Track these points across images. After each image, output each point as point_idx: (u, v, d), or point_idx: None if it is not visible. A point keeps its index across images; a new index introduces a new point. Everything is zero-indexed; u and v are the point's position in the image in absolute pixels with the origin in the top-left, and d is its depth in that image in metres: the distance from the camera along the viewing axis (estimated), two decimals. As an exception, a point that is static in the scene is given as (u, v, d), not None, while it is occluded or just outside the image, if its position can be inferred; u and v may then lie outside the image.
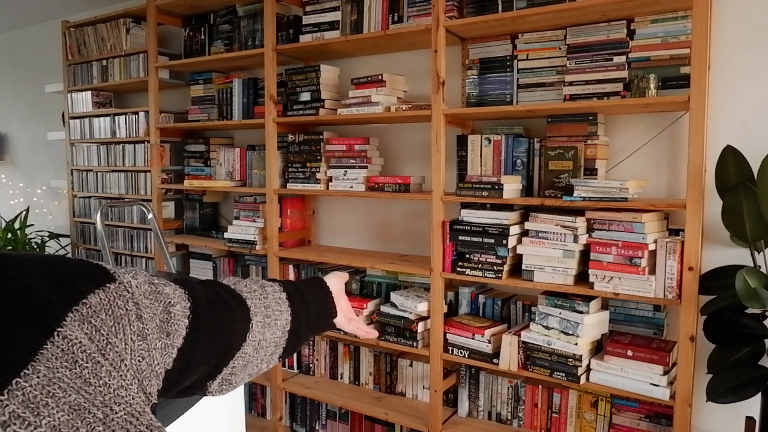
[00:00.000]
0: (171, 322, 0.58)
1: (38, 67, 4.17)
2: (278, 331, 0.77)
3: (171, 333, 0.58)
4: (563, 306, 1.90)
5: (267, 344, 0.75)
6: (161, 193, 3.11)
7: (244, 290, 0.76)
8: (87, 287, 0.50)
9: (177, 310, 0.60)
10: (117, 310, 0.51)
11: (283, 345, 0.79)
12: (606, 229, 1.81)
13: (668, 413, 1.84)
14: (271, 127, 2.55)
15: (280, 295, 0.80)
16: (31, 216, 4.11)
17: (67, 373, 0.43)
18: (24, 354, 0.42)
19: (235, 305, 0.71)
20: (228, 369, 0.70)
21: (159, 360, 0.55)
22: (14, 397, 0.39)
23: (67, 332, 0.45)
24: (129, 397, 0.47)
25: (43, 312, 0.45)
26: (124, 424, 0.44)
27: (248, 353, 0.72)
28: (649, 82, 1.78)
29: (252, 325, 0.72)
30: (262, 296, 0.77)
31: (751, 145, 1.78)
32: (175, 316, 0.59)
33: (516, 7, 1.96)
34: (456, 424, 2.21)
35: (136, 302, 0.54)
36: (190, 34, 2.93)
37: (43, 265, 0.48)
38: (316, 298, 0.90)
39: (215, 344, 0.66)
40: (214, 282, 0.74)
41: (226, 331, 0.68)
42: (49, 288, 0.47)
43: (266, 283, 0.81)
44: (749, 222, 1.61)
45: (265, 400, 2.86)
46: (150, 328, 0.55)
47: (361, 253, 2.55)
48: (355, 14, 2.33)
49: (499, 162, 2.08)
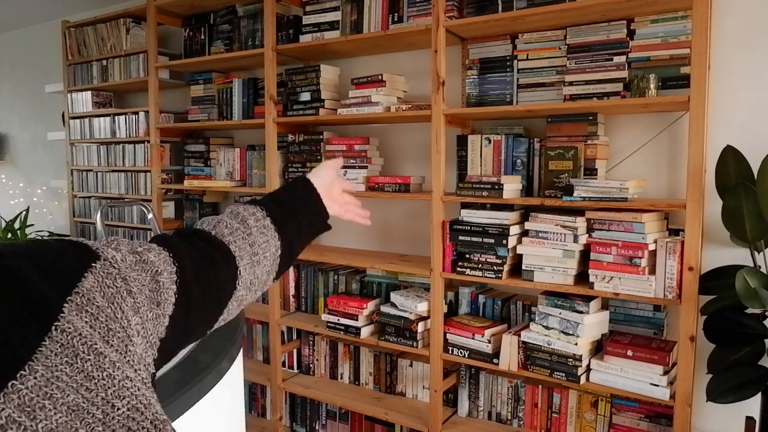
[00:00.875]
0: (160, 291, 0.57)
1: (38, 67, 4.17)
2: (268, 261, 0.76)
3: (161, 302, 0.57)
4: (563, 306, 1.90)
5: (258, 280, 0.75)
6: (161, 193, 3.11)
7: (226, 233, 0.72)
8: (76, 272, 0.48)
9: (164, 278, 0.58)
10: (108, 290, 0.50)
11: (276, 269, 0.78)
12: (606, 229, 1.81)
13: (668, 413, 1.84)
14: (271, 127, 2.55)
15: (264, 222, 0.77)
16: (31, 216, 4.10)
17: (66, 370, 0.42)
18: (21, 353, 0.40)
19: (218, 257, 0.69)
20: (223, 315, 0.70)
21: (152, 330, 0.54)
22: (10, 401, 0.38)
23: (65, 325, 0.43)
24: (134, 388, 0.45)
25: (39, 307, 0.43)
26: (126, 421, 0.43)
27: (241, 295, 0.72)
28: (649, 82, 1.78)
29: (240, 271, 0.71)
30: (245, 234, 0.73)
31: (751, 145, 1.78)
32: (164, 284, 0.57)
33: (516, 7, 1.96)
34: (456, 424, 2.21)
35: (124, 277, 0.52)
36: (190, 34, 2.93)
37: (32, 257, 0.47)
38: (304, 205, 0.85)
39: (206, 303, 0.66)
40: (193, 232, 0.71)
41: (215, 287, 0.67)
42: (41, 280, 0.45)
43: (247, 213, 0.77)
44: (749, 222, 1.61)
45: (265, 400, 2.86)
46: (141, 301, 0.53)
47: (361, 253, 2.55)
48: (355, 14, 2.33)
49: (499, 162, 2.08)
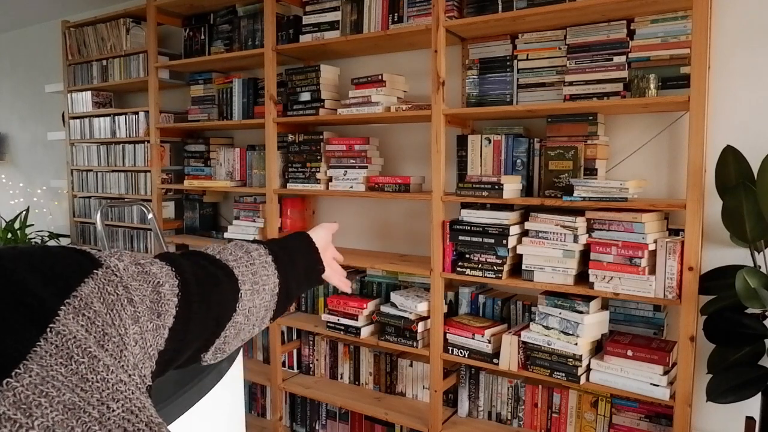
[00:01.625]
0: (161, 302, 0.57)
1: (38, 67, 4.17)
2: (267, 295, 0.77)
3: (162, 313, 0.57)
4: (563, 306, 1.90)
5: (257, 310, 0.76)
6: (161, 193, 3.11)
7: (230, 259, 0.75)
8: (76, 277, 0.49)
9: (166, 289, 0.59)
10: (108, 297, 0.50)
11: (273, 307, 0.79)
12: (606, 229, 1.81)
13: (668, 413, 1.84)
14: (271, 127, 2.55)
15: (266, 258, 0.79)
16: (31, 216, 4.11)
17: (62, 371, 0.42)
18: (15, 353, 0.40)
19: (222, 277, 0.71)
20: (220, 339, 0.70)
21: (151, 342, 0.55)
22: (5, 398, 0.38)
23: (60, 328, 0.44)
24: (129, 392, 0.46)
25: (34, 309, 0.43)
26: (122, 422, 0.43)
27: (239, 322, 0.72)
28: (649, 82, 1.78)
29: (241, 294, 0.72)
30: (248, 263, 0.76)
31: (751, 145, 1.78)
32: (165, 296, 0.58)
33: (516, 7, 1.96)
34: (456, 424, 2.21)
35: (125, 286, 0.53)
36: (190, 34, 2.93)
37: (29, 259, 0.47)
38: (303, 255, 0.89)
39: (206, 320, 0.66)
40: (198, 254, 0.73)
41: (216, 304, 0.68)
42: (39, 283, 0.45)
43: (251, 247, 0.80)
44: (749, 222, 1.61)
45: (265, 400, 2.86)
46: (141, 311, 0.54)
47: (361, 253, 2.55)
48: (355, 14, 2.33)
49: (499, 162, 2.08)
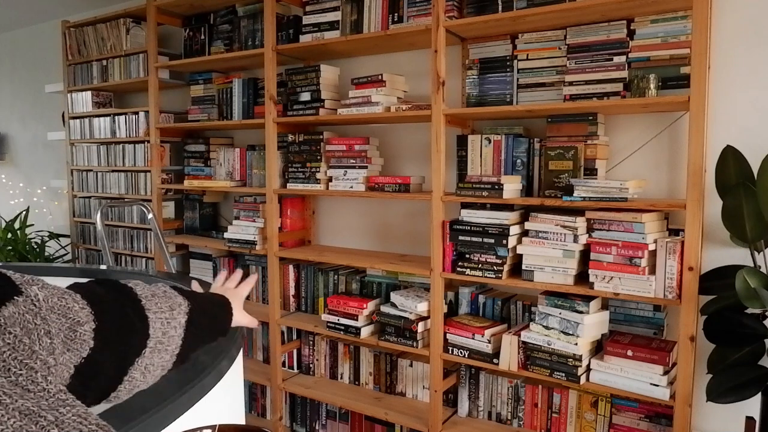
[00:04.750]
0: (75, 340, 0.59)
1: (38, 67, 4.17)
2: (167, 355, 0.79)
3: (72, 350, 0.59)
4: (563, 306, 1.90)
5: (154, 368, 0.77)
6: (161, 193, 3.11)
7: (153, 308, 0.77)
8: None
9: (84, 329, 0.61)
10: (27, 325, 0.51)
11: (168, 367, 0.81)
12: (606, 229, 1.81)
13: (668, 413, 1.84)
14: (271, 127, 2.55)
15: (181, 319, 0.82)
16: (31, 216, 4.11)
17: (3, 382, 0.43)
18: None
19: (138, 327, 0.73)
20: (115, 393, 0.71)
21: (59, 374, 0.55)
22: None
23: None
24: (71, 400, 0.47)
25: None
26: (76, 425, 0.44)
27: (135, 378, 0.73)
28: (649, 82, 1.78)
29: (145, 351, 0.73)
30: (167, 320, 0.78)
31: (751, 145, 1.78)
32: (81, 336, 0.60)
33: (516, 7, 1.96)
34: (456, 424, 2.21)
35: (44, 317, 0.54)
36: (190, 34, 2.93)
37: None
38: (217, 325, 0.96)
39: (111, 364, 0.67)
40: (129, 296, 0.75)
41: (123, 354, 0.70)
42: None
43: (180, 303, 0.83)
44: (749, 222, 1.61)
45: (265, 400, 2.86)
46: (56, 344, 0.55)
47: (361, 253, 2.55)
48: (355, 14, 2.33)
49: (499, 162, 2.08)
